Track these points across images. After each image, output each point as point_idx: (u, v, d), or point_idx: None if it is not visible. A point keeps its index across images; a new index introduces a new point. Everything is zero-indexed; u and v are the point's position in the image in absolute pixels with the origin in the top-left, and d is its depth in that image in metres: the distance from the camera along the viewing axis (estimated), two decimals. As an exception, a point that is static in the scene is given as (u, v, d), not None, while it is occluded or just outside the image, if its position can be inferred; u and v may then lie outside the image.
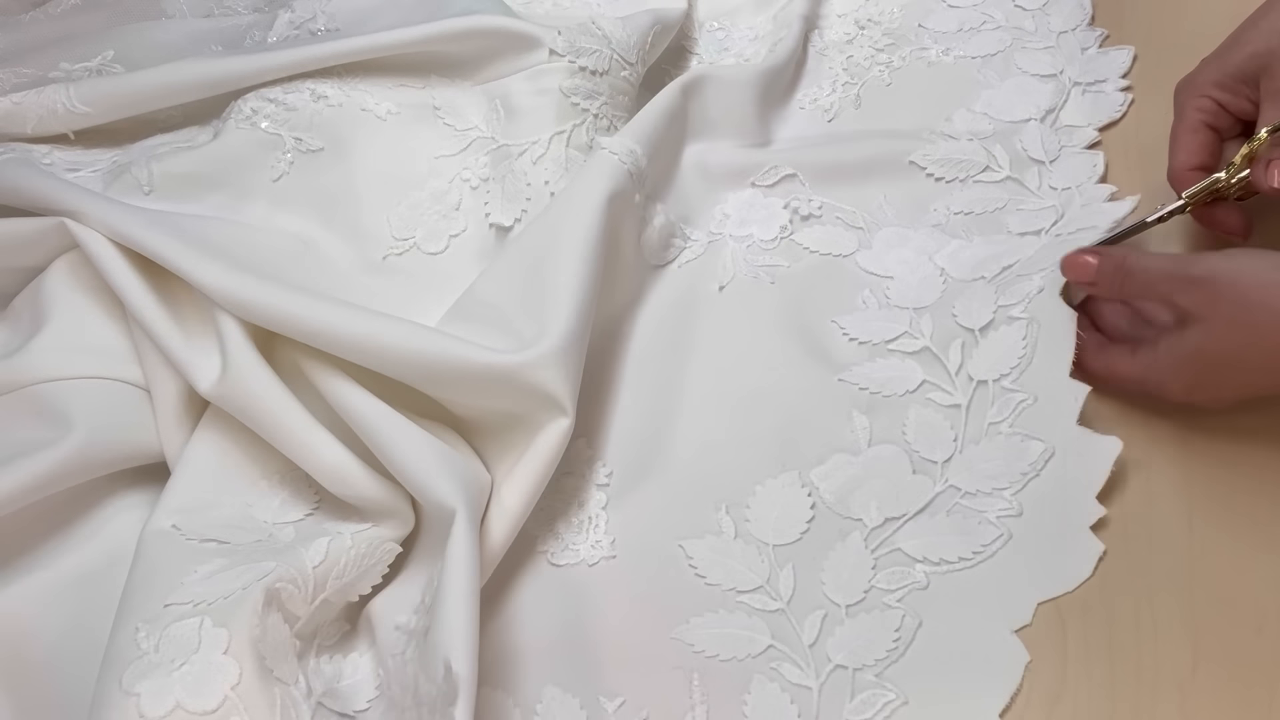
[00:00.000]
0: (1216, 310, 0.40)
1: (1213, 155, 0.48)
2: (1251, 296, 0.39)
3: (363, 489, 0.43)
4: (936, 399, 0.47)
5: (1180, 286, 0.41)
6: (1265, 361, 0.39)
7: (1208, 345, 0.40)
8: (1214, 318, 0.40)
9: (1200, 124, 0.48)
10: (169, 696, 0.35)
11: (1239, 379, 0.41)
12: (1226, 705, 0.37)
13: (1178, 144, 0.48)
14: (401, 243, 0.56)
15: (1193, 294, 0.41)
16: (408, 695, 0.37)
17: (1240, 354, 0.40)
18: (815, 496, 0.45)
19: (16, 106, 0.58)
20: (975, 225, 0.54)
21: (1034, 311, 0.47)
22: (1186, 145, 0.48)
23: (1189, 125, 0.48)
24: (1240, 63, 0.47)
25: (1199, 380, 0.42)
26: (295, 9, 0.67)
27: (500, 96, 0.59)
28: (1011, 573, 0.41)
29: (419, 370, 0.44)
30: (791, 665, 0.40)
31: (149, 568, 0.41)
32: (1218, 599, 0.39)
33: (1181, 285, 0.41)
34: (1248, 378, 0.41)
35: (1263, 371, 0.40)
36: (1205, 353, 0.41)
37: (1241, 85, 0.47)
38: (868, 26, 0.67)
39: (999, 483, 0.43)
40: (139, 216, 0.49)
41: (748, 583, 0.43)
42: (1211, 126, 0.48)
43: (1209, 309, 0.40)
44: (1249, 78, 0.47)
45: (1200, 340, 0.41)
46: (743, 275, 0.55)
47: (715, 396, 0.50)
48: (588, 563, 0.45)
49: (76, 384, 0.47)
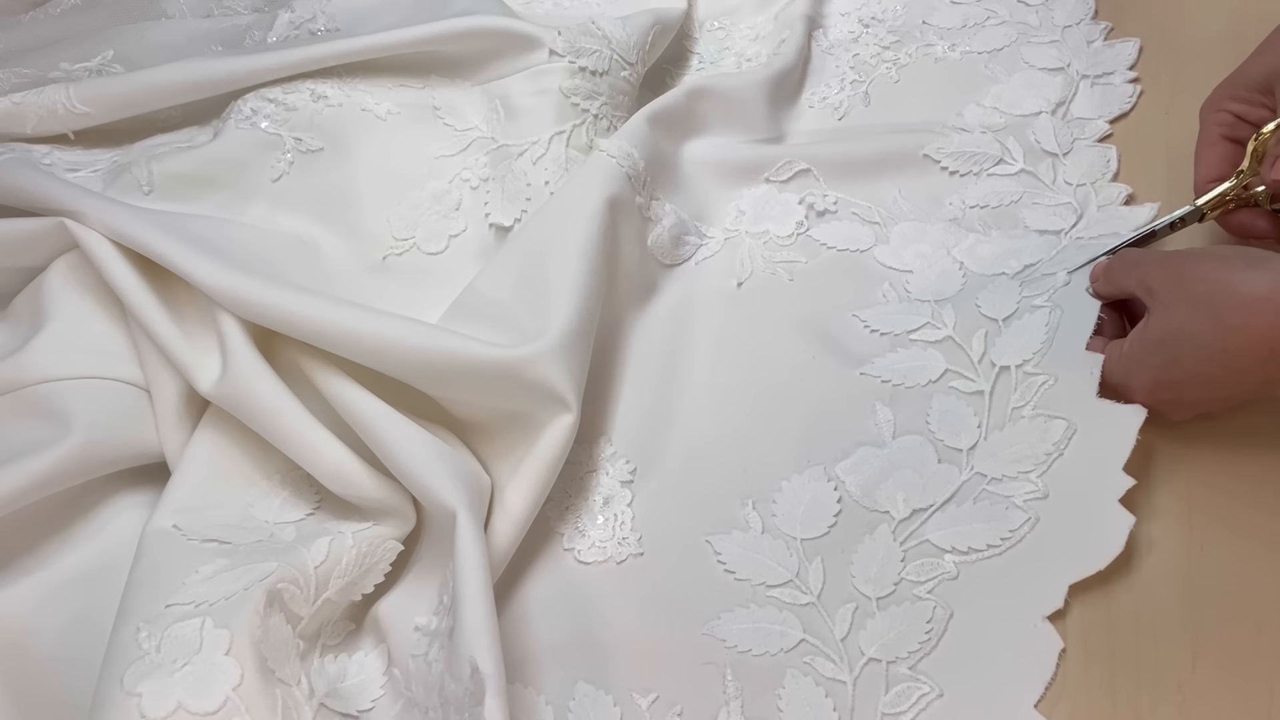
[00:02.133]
0: (1180, 288, 0.40)
1: (1233, 166, 0.48)
2: (1212, 274, 0.39)
3: (363, 488, 0.43)
4: (960, 387, 0.47)
5: (1152, 267, 0.42)
6: (1225, 342, 0.38)
7: (1168, 325, 0.40)
8: (1175, 295, 0.40)
9: (1219, 137, 0.48)
10: (170, 697, 0.35)
11: (1199, 369, 0.40)
12: (1226, 705, 0.37)
13: (1199, 159, 0.49)
14: (401, 243, 0.56)
15: (1160, 273, 0.41)
16: (432, 695, 0.37)
17: (1199, 334, 0.39)
18: (841, 490, 0.45)
19: (16, 106, 0.58)
20: (992, 219, 0.54)
21: (1057, 300, 0.47)
22: (1207, 159, 0.49)
23: (1208, 140, 0.49)
24: (1255, 74, 0.48)
25: (1162, 375, 0.41)
26: (295, 9, 0.67)
27: (500, 96, 0.59)
28: (1041, 556, 0.41)
29: (421, 368, 0.44)
30: (824, 659, 0.40)
31: (150, 568, 0.41)
32: (1218, 599, 0.39)
33: (1154, 265, 0.42)
34: (1207, 367, 0.40)
35: (1222, 357, 0.39)
36: (1166, 335, 0.41)
37: (1258, 95, 0.47)
38: (872, 24, 0.67)
39: (1024, 465, 0.43)
40: (139, 216, 0.49)
41: (777, 577, 0.43)
42: (1230, 139, 0.48)
43: (1173, 288, 0.40)
44: (1265, 88, 0.47)
45: (1162, 322, 0.41)
46: (761, 271, 0.55)
47: (738, 392, 0.50)
48: (615, 560, 0.45)
49: (76, 384, 0.47)
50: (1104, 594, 0.40)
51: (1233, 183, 0.47)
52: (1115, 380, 0.43)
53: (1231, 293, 0.38)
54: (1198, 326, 0.39)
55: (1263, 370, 0.38)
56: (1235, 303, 0.38)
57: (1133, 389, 0.43)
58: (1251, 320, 0.37)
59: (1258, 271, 0.38)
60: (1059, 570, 0.40)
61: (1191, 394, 0.42)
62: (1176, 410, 0.43)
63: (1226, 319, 0.38)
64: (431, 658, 0.38)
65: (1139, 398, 0.43)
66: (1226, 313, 0.38)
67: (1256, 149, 0.46)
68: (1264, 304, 0.37)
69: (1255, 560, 0.40)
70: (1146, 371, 0.42)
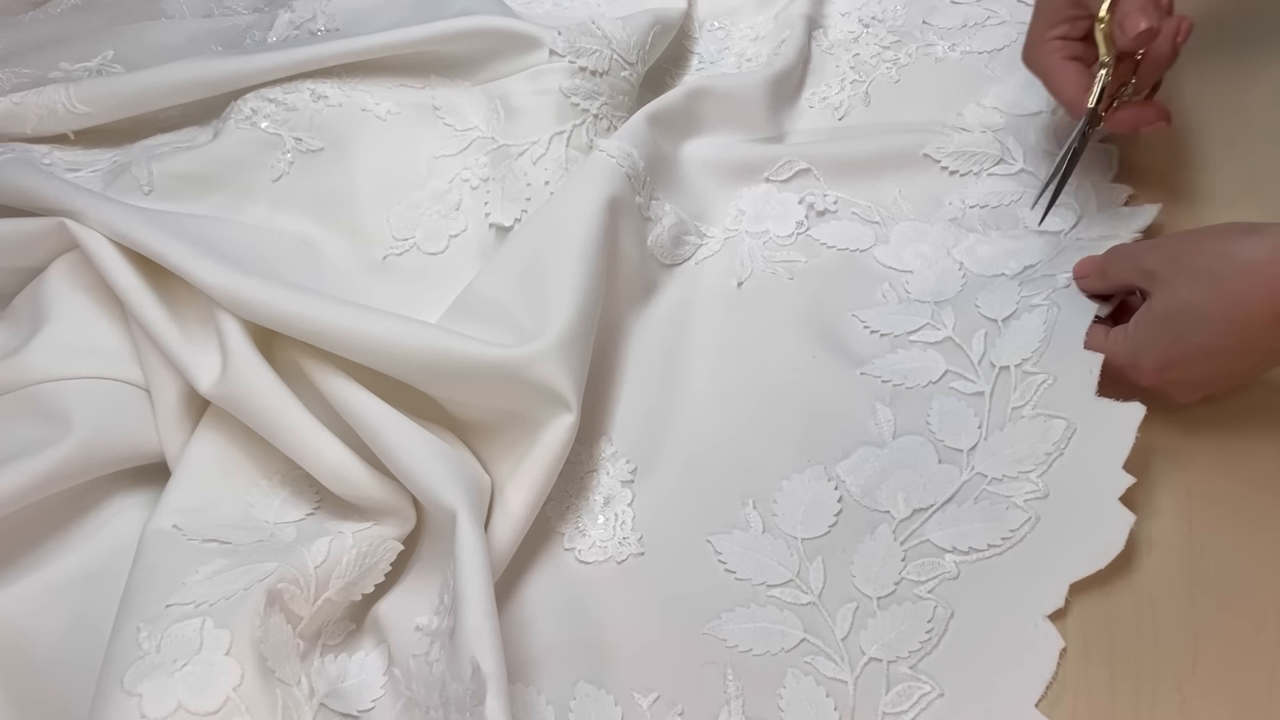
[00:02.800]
0: (1179, 265, 0.40)
1: (1090, 75, 0.49)
2: (1210, 246, 0.39)
3: (364, 488, 0.43)
4: (960, 388, 0.47)
5: (1147, 253, 0.43)
6: (1230, 312, 0.38)
7: (1171, 302, 0.41)
8: (1177, 273, 0.40)
9: (1061, 62, 0.49)
10: (171, 697, 0.35)
11: (1206, 342, 0.40)
12: (1226, 704, 0.37)
13: (1059, 88, 0.50)
14: (401, 243, 0.56)
15: (1157, 255, 0.42)
16: (433, 695, 0.37)
17: (1203, 306, 0.39)
18: (842, 490, 0.45)
19: (16, 106, 0.58)
20: (991, 219, 0.54)
21: (1055, 299, 0.47)
22: (1065, 82, 0.49)
23: (1053, 68, 0.50)
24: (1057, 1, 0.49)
25: (1169, 352, 0.41)
26: (295, 9, 0.67)
27: (500, 96, 0.59)
28: (1042, 556, 0.41)
29: (421, 368, 0.44)
30: (825, 659, 0.40)
31: (150, 568, 0.41)
32: (1218, 599, 0.40)
33: (1149, 251, 0.43)
34: (1214, 339, 0.40)
35: (1229, 328, 0.39)
36: (1170, 312, 0.41)
37: (1069, 10, 0.49)
38: (872, 24, 0.67)
39: (1024, 465, 0.43)
40: (139, 216, 0.49)
41: (778, 577, 0.43)
42: (1072, 59, 0.49)
43: (1172, 266, 0.41)
44: (1072, 3, 0.48)
45: (1166, 301, 0.41)
46: (761, 271, 0.55)
47: (737, 392, 0.50)
48: (616, 559, 0.45)
49: (76, 384, 0.47)
50: (1104, 593, 0.40)
51: (1104, 72, 0.47)
52: (1122, 362, 0.43)
53: (1231, 260, 0.38)
54: (1201, 299, 0.39)
55: (1268, 337, 0.38)
56: (1236, 270, 0.38)
57: (1141, 369, 0.43)
58: (1254, 286, 0.37)
59: (1255, 238, 0.38)
60: (1059, 569, 0.40)
61: (1199, 370, 0.41)
62: (1184, 391, 0.43)
63: (1229, 288, 0.38)
64: (433, 657, 0.38)
65: (1147, 378, 0.43)
66: (1228, 282, 0.38)
67: (1105, 32, 0.46)
68: (1265, 267, 0.37)
69: (1256, 559, 0.40)
70: (1154, 350, 0.42)
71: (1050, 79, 0.50)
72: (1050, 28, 0.50)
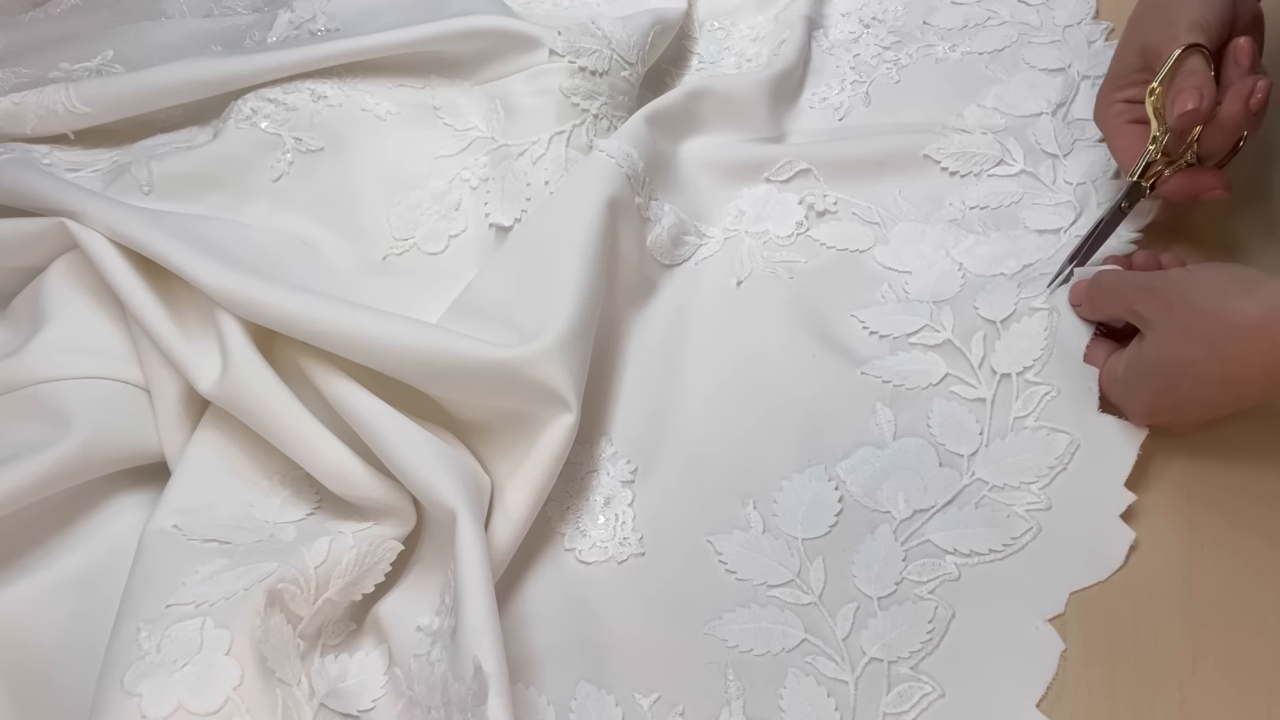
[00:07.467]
0: (1171, 316, 0.40)
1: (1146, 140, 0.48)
2: (1204, 303, 0.38)
3: (364, 488, 0.43)
4: (961, 392, 0.47)
5: (1141, 295, 0.41)
6: (1223, 370, 0.38)
7: (1163, 354, 0.40)
8: (1168, 324, 0.40)
9: (1123, 125, 0.49)
10: (171, 697, 0.35)
11: (1197, 394, 0.40)
12: (1226, 705, 0.37)
13: (1115, 151, 0.50)
14: (401, 243, 0.56)
15: (1150, 302, 0.41)
16: (435, 695, 0.37)
17: (1196, 364, 0.39)
18: (842, 490, 0.45)
19: (16, 106, 0.58)
20: (991, 220, 0.54)
21: (1054, 302, 0.47)
22: (1122, 146, 0.49)
23: (1114, 131, 0.50)
24: (1128, 62, 0.49)
25: (1159, 400, 0.41)
26: (295, 9, 0.67)
27: (500, 96, 0.59)
28: (1042, 563, 0.41)
29: (421, 368, 0.44)
30: (826, 659, 0.40)
31: (150, 568, 0.41)
32: (1218, 599, 0.40)
33: (1142, 294, 0.41)
34: (1205, 392, 0.40)
35: (1221, 384, 0.39)
36: (1161, 363, 0.40)
37: (1137, 75, 0.48)
38: (872, 25, 0.67)
39: (1026, 476, 0.43)
40: (139, 216, 0.49)
41: (778, 577, 0.43)
42: (1133, 122, 0.49)
43: (1164, 315, 0.40)
44: (1141, 67, 0.48)
45: (1156, 350, 0.40)
46: (760, 271, 0.55)
47: (738, 392, 0.50)
48: (616, 560, 0.45)
49: (76, 384, 0.47)
50: (1104, 594, 0.40)
51: (1153, 146, 0.47)
52: (1112, 399, 0.44)
53: (1225, 323, 0.37)
54: (1193, 357, 0.39)
55: (1261, 391, 0.38)
56: (1230, 332, 0.37)
57: (1129, 411, 0.43)
58: (1248, 349, 0.37)
59: (1250, 298, 0.37)
60: (1060, 578, 0.41)
61: (1191, 414, 0.42)
62: (1176, 427, 0.43)
63: (1222, 349, 0.38)
64: (434, 657, 0.38)
65: (1136, 420, 0.43)
66: (1222, 343, 0.38)
67: (1155, 106, 0.46)
68: (1259, 332, 0.36)
69: (1255, 560, 0.40)
70: (1142, 397, 0.42)
71: (1111, 142, 0.50)
72: (1117, 89, 0.49)
